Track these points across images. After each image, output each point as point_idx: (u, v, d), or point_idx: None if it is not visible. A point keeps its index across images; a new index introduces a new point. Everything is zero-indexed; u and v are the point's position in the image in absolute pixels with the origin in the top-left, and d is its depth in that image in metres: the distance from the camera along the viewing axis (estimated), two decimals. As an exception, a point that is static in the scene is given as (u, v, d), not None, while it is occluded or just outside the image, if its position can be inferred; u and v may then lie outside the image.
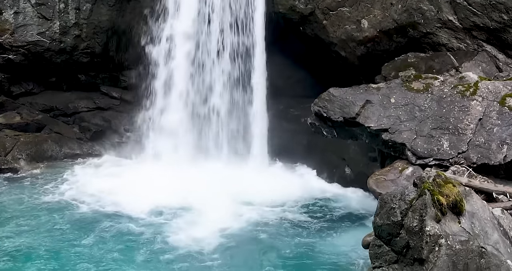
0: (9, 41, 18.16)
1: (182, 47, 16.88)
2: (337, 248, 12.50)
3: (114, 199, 14.65)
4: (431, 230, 8.48)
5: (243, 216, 13.93)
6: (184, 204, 14.45)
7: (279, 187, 15.46)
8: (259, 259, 12.10)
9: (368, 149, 15.17)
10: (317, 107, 12.99)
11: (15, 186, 15.66)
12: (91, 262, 11.52)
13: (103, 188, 15.24)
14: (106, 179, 15.94)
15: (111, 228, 13.17)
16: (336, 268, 11.64)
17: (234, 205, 14.30)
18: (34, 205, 14.43)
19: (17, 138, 17.01)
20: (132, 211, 13.99)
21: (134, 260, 11.74)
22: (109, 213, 13.96)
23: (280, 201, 14.85)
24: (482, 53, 13.94)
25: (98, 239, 12.64)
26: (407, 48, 14.92)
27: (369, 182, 11.60)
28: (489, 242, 8.94)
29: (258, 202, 14.69)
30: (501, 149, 11.30)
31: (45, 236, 12.67)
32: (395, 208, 8.79)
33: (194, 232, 12.95)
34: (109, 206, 14.35)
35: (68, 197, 14.91)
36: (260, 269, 11.62)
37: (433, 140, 11.71)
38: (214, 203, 14.08)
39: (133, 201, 14.36)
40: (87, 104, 19.06)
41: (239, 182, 15.23)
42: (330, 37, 16.19)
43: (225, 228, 13.14)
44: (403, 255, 8.73)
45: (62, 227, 13.22)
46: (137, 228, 13.19)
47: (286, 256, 12.13)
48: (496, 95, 11.82)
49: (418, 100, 12.27)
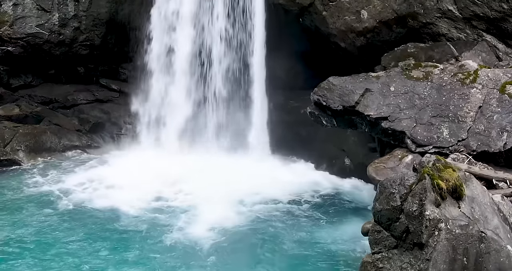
0: (8, 33, 18.11)
1: (182, 36, 16.83)
2: (336, 237, 12.47)
3: (109, 190, 14.62)
4: (431, 214, 8.45)
5: (242, 207, 13.86)
6: (181, 195, 14.43)
7: (278, 178, 15.44)
8: (258, 249, 12.01)
9: (367, 139, 15.16)
10: (316, 96, 12.95)
11: (12, 176, 15.63)
12: (81, 257, 11.35)
13: (99, 178, 15.19)
14: (103, 170, 15.90)
15: (104, 221, 13.01)
16: (336, 256, 11.61)
17: (233, 196, 14.21)
18: (27, 196, 14.38)
19: (16, 130, 16.93)
20: (127, 202, 13.87)
21: (128, 252, 11.60)
22: (103, 205, 13.81)
23: (279, 192, 14.78)
24: (482, 43, 13.90)
25: (88, 232, 12.44)
26: (406, 38, 14.87)
27: (369, 169, 11.57)
28: (489, 227, 8.90)
29: (257, 192, 14.61)
30: (501, 136, 11.27)
31: (33, 229, 12.49)
32: (394, 193, 8.76)
33: (192, 223, 12.90)
34: (103, 197, 14.22)
35: (61, 188, 14.83)
36: (259, 259, 11.56)
37: (432, 128, 11.68)
38: (213, 194, 14.04)
39: (129, 192, 14.34)
40: (86, 97, 19.00)
41: (238, 173, 15.17)
42: (329, 28, 16.14)
43: (222, 219, 13.04)
44: (403, 240, 8.70)
45: (49, 220, 12.99)
46: (131, 220, 13.06)
47: (285, 246, 12.07)
48: (496, 83, 11.79)
49: (417, 88, 12.24)
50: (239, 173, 15.17)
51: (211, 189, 14.31)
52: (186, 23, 17.25)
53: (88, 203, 13.99)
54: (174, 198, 14.34)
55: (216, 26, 16.78)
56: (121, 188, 14.71)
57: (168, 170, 15.37)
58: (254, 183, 14.93)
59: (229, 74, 16.89)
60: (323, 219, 13.46)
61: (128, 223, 12.96)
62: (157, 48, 17.36)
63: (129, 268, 11.00)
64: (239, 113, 17.07)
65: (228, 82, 16.95)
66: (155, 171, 15.24)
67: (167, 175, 15.18)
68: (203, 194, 14.18)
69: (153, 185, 14.74)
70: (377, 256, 8.94)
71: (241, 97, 17.03)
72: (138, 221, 13.06)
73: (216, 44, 17.12)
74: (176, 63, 17.05)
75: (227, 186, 14.47)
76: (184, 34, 17.20)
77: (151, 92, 17.32)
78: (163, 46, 17.19)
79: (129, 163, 16.11)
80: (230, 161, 15.90)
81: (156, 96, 17.26)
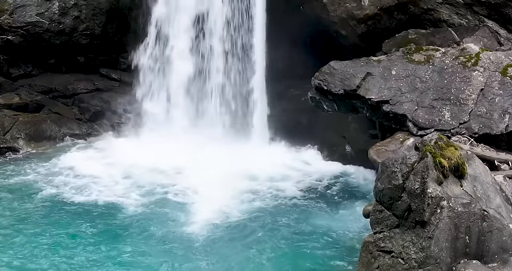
0: (8, 22, 18.04)
1: (181, 25, 16.79)
2: (337, 222, 12.47)
3: (107, 178, 14.57)
4: (433, 192, 8.40)
5: (242, 195, 13.80)
6: (179, 182, 14.39)
7: (279, 166, 15.42)
8: (259, 235, 11.95)
9: (368, 126, 15.14)
10: (317, 80, 12.92)
11: (11, 164, 15.57)
12: (70, 248, 11.19)
13: (97, 166, 15.19)
14: (101, 158, 15.88)
15: (98, 210, 12.87)
16: (336, 240, 11.60)
17: (233, 183, 14.17)
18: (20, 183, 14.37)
19: (16, 118, 16.88)
20: (124, 190, 13.84)
21: (123, 241, 11.48)
22: (100, 193, 13.73)
23: (280, 179, 14.78)
24: (483, 28, 13.84)
25: (79, 221, 12.29)
26: (407, 25, 14.79)
27: (370, 152, 11.54)
28: (491, 206, 8.88)
29: (257, 179, 14.63)
30: (503, 119, 11.25)
31: (24, 218, 12.40)
32: (396, 171, 8.69)
33: (191, 211, 12.85)
34: (100, 185, 14.17)
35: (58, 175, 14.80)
36: (261, 246, 11.50)
37: (434, 111, 11.65)
38: (212, 182, 13.97)
39: (126, 179, 14.34)
40: (86, 86, 18.91)
41: (238, 160, 15.11)
42: (330, 16, 16.07)
43: (222, 207, 13.00)
44: (405, 219, 8.64)
45: (42, 207, 12.93)
46: (127, 208, 12.94)
47: (285, 232, 12.02)
48: (498, 65, 11.77)
49: (419, 72, 12.21)
50: (239, 159, 15.11)
51: (210, 176, 14.20)
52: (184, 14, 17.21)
53: (84, 190, 13.89)
54: (172, 185, 14.24)
55: (216, 11, 16.71)
56: (120, 175, 14.66)
57: (168, 158, 15.28)
58: (254, 170, 14.95)
59: (230, 60, 16.83)
60: (323, 205, 13.44)
61: (124, 211, 12.82)
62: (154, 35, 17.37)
63: (126, 257, 10.89)
64: (239, 101, 17.01)
65: (228, 70, 16.88)
66: (154, 158, 15.18)
67: (166, 163, 15.12)
68: (202, 181, 14.10)
69: (152, 172, 14.70)
70: (379, 236, 8.90)
71: (242, 85, 16.97)
72: (133, 207, 12.97)
73: (217, 33, 17.08)
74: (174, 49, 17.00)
75: (226, 172, 14.42)
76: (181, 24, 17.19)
77: (150, 78, 17.28)
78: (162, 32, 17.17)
79: (129, 151, 16.04)
80: (230, 148, 15.81)
81: (155, 82, 17.22)
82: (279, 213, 12.90)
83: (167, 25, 17.19)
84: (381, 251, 8.78)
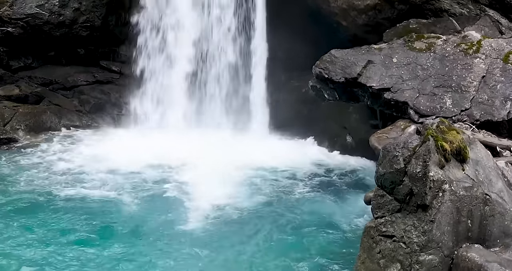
0: (8, 14, 17.97)
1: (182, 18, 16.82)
2: (338, 211, 12.42)
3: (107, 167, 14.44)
4: (435, 175, 8.34)
5: (242, 185, 13.72)
6: (180, 171, 14.30)
7: (279, 156, 15.34)
8: (261, 224, 11.89)
9: (369, 116, 15.10)
10: (318, 69, 12.90)
11: (10, 154, 15.51)
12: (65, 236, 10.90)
13: (97, 157, 15.10)
14: (101, 149, 15.76)
15: (93, 204, 12.55)
16: (337, 228, 11.55)
17: (233, 173, 14.13)
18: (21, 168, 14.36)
19: (16, 109, 16.86)
20: (120, 183, 13.63)
21: (118, 236, 11.16)
22: (93, 187, 13.44)
23: (281, 170, 14.71)
24: (485, 17, 13.82)
25: (76, 211, 11.99)
26: (408, 15, 14.76)
27: (371, 139, 11.50)
28: (493, 190, 8.82)
29: (258, 169, 14.57)
30: (504, 105, 11.25)
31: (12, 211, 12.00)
32: (398, 155, 8.63)
33: (192, 199, 12.76)
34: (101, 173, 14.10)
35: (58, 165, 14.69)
36: (263, 234, 11.44)
37: (435, 98, 11.63)
38: (213, 171, 13.94)
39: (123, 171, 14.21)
40: (86, 78, 18.86)
41: (239, 151, 15.13)
42: (331, 7, 16.05)
43: (223, 196, 12.91)
44: (406, 203, 8.59)
45: (30, 202, 12.54)
46: (122, 202, 12.63)
47: (287, 223, 11.94)
48: (500, 52, 11.76)
49: (420, 59, 12.19)
50: (239, 150, 15.13)
51: (209, 168, 14.16)
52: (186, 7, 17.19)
53: (79, 183, 13.66)
54: (171, 177, 14.11)
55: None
56: (120, 165, 14.52)
57: (168, 148, 15.27)
58: (255, 160, 14.88)
59: (230, 52, 16.80)
60: (324, 195, 13.38)
61: (119, 205, 12.51)
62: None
63: (119, 252, 10.47)
64: (240, 92, 16.99)
65: (228, 60, 16.87)
66: (154, 147, 15.18)
67: (165, 155, 15.02)
68: (203, 171, 14.04)
69: (150, 164, 14.62)
70: (380, 221, 8.83)
71: (242, 76, 16.95)
72: (131, 203, 12.62)
73: (217, 25, 17.07)
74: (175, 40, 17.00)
75: (227, 162, 14.40)
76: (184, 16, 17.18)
77: (150, 71, 17.25)
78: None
79: (129, 142, 16.03)
80: (230, 139, 15.83)
81: (155, 74, 17.18)
82: (280, 204, 12.82)
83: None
84: (383, 236, 8.72)
